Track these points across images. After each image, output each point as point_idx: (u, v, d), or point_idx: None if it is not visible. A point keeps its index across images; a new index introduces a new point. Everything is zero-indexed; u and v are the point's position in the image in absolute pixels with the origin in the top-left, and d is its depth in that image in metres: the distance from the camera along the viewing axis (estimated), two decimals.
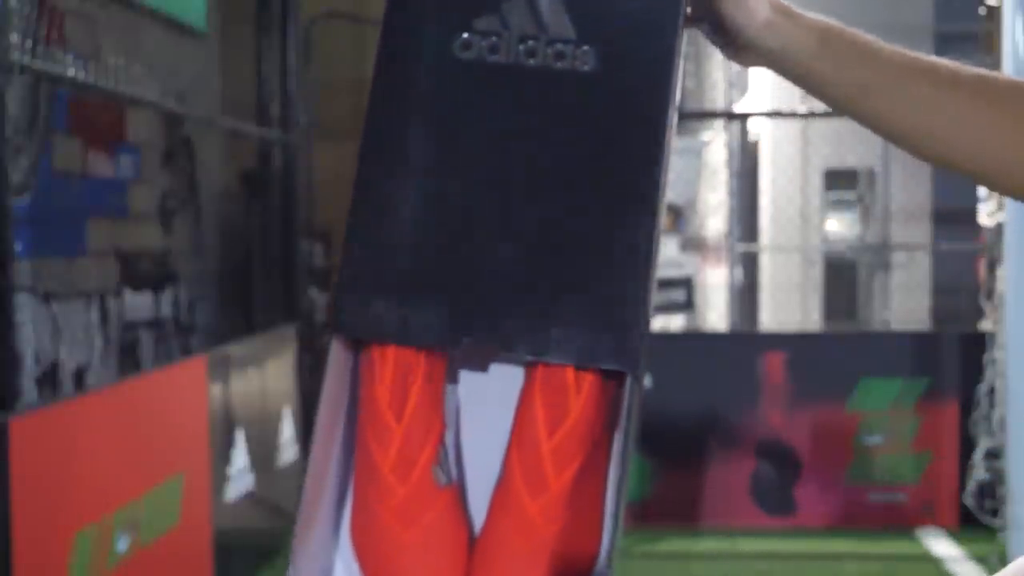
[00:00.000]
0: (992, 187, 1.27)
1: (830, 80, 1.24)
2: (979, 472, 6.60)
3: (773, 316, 10.84)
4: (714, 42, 1.26)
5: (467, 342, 1.16)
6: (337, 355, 1.21)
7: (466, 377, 1.26)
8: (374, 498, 1.21)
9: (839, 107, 1.25)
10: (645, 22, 1.20)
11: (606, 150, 1.18)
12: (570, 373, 1.16)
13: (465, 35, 1.20)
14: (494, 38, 1.20)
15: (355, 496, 1.25)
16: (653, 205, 1.16)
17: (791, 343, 7.16)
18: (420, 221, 1.19)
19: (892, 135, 1.25)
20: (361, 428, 1.22)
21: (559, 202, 1.18)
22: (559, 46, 1.19)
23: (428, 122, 1.20)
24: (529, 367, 1.19)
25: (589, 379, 1.16)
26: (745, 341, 7.45)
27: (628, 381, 1.17)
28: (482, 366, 1.26)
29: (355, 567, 1.25)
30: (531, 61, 1.20)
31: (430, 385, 1.19)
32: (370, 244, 1.19)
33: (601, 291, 1.15)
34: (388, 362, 1.18)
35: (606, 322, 1.14)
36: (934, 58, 1.23)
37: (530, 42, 1.20)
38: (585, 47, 1.19)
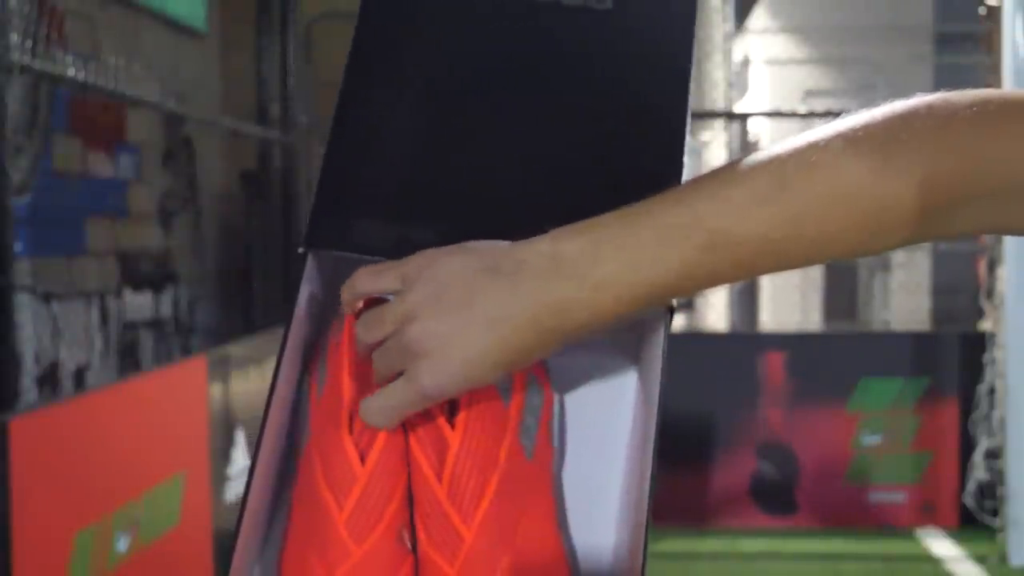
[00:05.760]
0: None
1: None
2: (979, 472, 6.60)
3: (773, 316, 10.85)
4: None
5: None
6: (299, 324, 1.02)
7: None
8: (316, 557, 0.95)
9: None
10: None
11: (628, 85, 1.09)
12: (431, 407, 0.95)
13: None
14: None
15: (289, 549, 0.98)
16: (681, 139, 1.08)
17: (791, 343, 7.16)
18: (417, 139, 1.07)
19: None
20: (308, 460, 0.97)
21: (577, 131, 1.07)
22: None
23: (427, 43, 1.11)
24: None
25: (461, 402, 0.95)
26: (745, 341, 7.45)
27: (660, 313, 1.00)
28: None
29: None
30: None
31: (397, 433, 0.96)
32: (357, 159, 1.07)
33: None
34: (364, 384, 0.96)
35: None
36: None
37: None
38: None
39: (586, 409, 1.07)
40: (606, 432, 1.07)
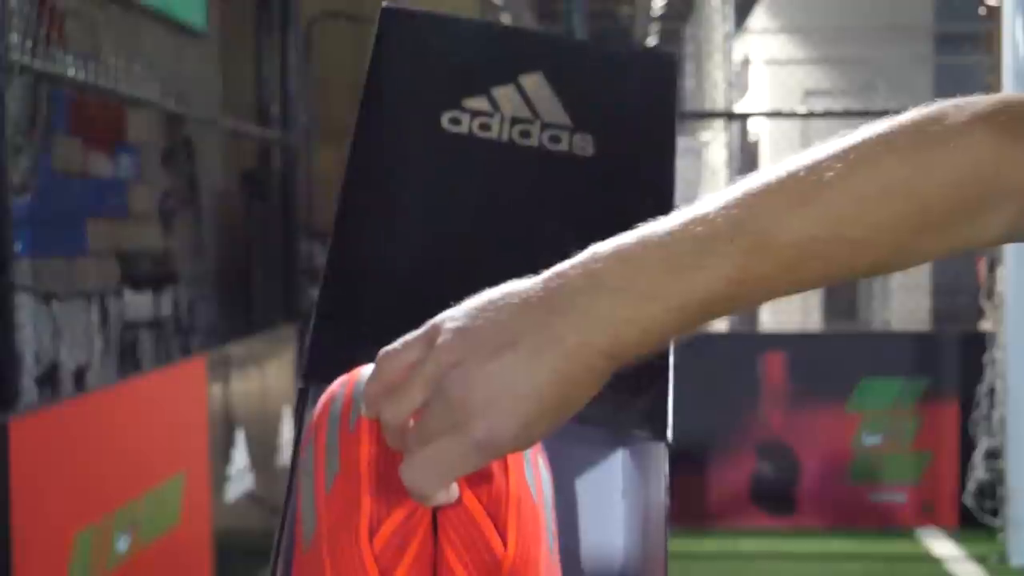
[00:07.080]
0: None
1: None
2: (979, 472, 6.60)
3: (773, 316, 10.85)
4: None
5: None
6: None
7: None
8: None
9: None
10: (641, 109, 1.16)
11: (611, 224, 1.08)
12: (473, 507, 0.89)
13: (454, 112, 1.15)
14: (485, 118, 1.15)
15: None
16: None
17: (791, 343, 7.15)
18: (410, 270, 1.11)
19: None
20: (317, 557, 0.91)
21: None
22: (554, 131, 1.15)
23: (415, 184, 1.15)
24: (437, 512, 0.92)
25: (509, 508, 0.89)
26: (745, 341, 7.44)
27: (660, 449, 1.03)
28: None
29: None
30: (525, 141, 1.15)
31: (428, 541, 0.89)
32: (353, 291, 1.10)
33: None
34: (399, 501, 0.88)
35: (632, 384, 0.96)
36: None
37: (523, 125, 1.15)
38: (582, 134, 1.15)
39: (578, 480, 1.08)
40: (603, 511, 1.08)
